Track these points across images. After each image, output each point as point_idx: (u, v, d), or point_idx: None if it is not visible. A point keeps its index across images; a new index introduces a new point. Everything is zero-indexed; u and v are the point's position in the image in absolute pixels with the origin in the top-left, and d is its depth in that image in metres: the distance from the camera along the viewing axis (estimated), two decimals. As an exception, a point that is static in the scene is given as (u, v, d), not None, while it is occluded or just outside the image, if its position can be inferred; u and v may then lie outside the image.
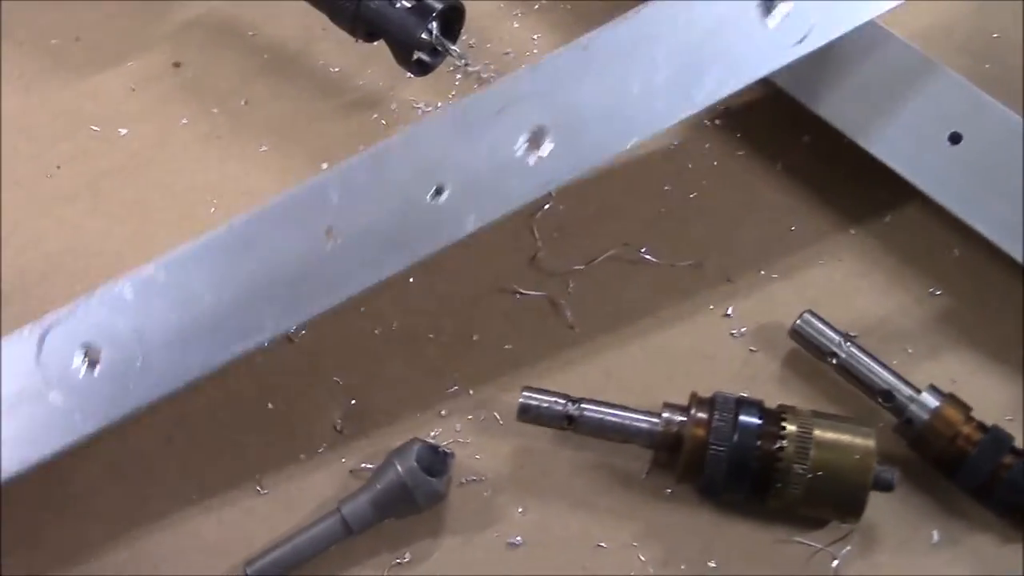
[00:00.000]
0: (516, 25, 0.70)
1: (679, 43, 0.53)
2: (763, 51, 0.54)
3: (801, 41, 0.54)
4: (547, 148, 0.51)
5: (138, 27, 0.70)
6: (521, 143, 0.51)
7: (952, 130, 0.59)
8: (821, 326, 0.57)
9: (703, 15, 0.53)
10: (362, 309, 0.60)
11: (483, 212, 0.51)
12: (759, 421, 0.54)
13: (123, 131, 0.66)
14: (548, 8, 0.70)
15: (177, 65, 0.69)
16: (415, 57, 0.62)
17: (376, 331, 0.60)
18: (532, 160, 0.51)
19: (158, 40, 0.70)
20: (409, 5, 0.62)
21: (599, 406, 0.55)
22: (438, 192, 0.50)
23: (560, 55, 0.52)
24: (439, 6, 0.62)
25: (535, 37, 0.69)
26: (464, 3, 0.61)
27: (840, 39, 0.55)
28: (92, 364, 0.50)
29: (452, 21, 0.63)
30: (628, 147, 0.52)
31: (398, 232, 0.51)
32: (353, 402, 0.58)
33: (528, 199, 0.51)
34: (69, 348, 0.50)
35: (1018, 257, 0.56)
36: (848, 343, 0.57)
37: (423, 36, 0.61)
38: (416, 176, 0.50)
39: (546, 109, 0.51)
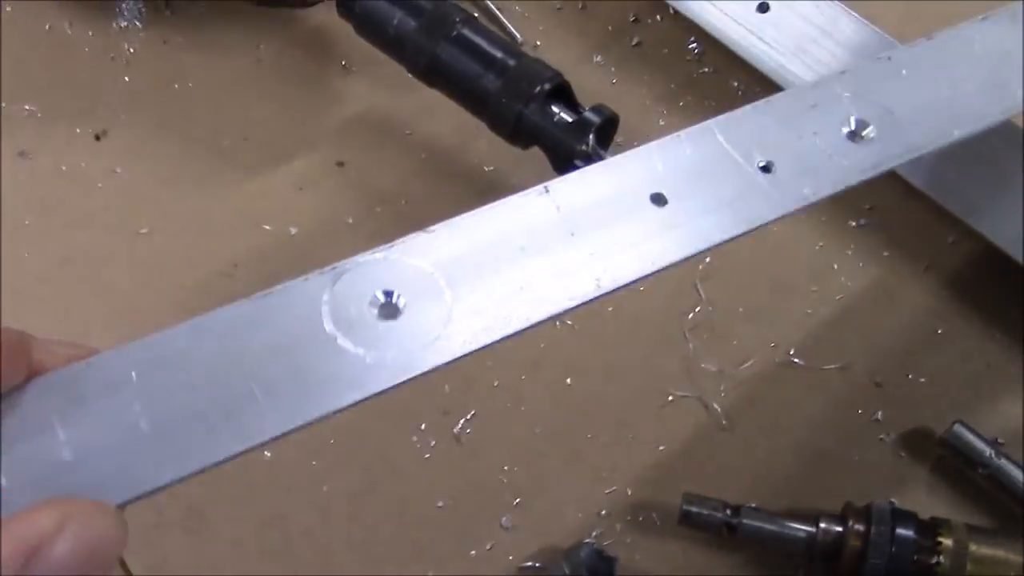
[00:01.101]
0: (662, 123, 0.72)
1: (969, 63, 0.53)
2: None
3: None
4: (870, 136, 0.49)
5: (303, 126, 0.74)
6: (844, 131, 0.49)
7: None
8: (971, 437, 0.59)
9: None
10: (522, 408, 0.64)
11: (817, 187, 0.47)
12: (915, 534, 0.56)
13: (293, 230, 0.70)
14: (693, 107, 0.72)
15: (341, 164, 0.73)
16: (572, 164, 0.65)
17: (537, 430, 0.64)
18: (857, 144, 0.49)
19: (322, 139, 0.74)
20: (569, 119, 0.65)
21: (757, 515, 0.58)
22: (766, 169, 0.47)
23: (866, 63, 0.52)
24: (597, 121, 0.65)
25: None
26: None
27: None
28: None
29: (607, 129, 0.66)
30: (948, 142, 0.50)
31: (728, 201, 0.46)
32: (517, 501, 0.62)
33: (860, 179, 0.48)
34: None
35: None
36: (997, 455, 0.58)
37: (581, 147, 0.64)
38: (742, 153, 0.47)
39: (862, 106, 0.50)
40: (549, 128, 0.64)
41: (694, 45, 0.75)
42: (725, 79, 0.72)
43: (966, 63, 0.52)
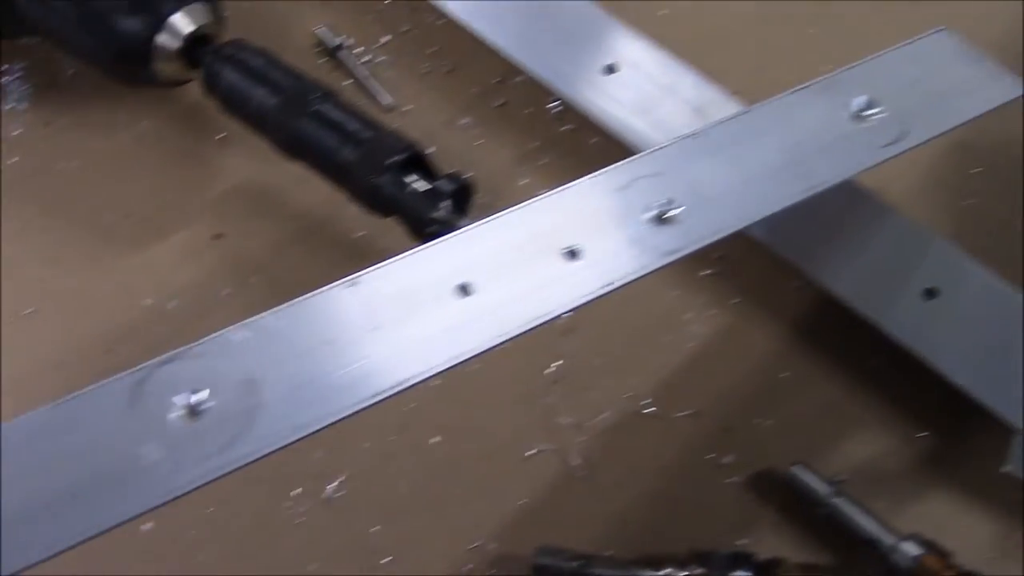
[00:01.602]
0: (525, 182, 0.75)
1: (783, 138, 0.55)
2: (857, 151, 0.55)
3: (895, 142, 0.56)
4: (676, 218, 0.51)
5: (183, 200, 0.77)
6: (649, 215, 0.51)
7: (927, 285, 0.63)
8: (809, 477, 0.62)
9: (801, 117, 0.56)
10: (391, 468, 0.67)
11: (623, 271, 0.49)
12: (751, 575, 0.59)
13: (172, 304, 0.73)
14: (554, 166, 0.75)
15: (219, 236, 0.75)
16: (427, 232, 0.67)
17: (404, 490, 0.66)
18: (662, 227, 0.50)
19: (201, 212, 0.76)
20: (423, 188, 0.67)
21: (607, 563, 0.61)
22: (573, 256, 0.49)
23: (677, 143, 0.53)
24: (450, 189, 0.67)
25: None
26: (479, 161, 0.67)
27: (827, 196, 0.58)
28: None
29: (463, 195, 0.69)
30: (748, 224, 0.52)
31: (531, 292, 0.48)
32: (387, 560, 0.64)
33: (662, 263, 0.50)
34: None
35: (990, 403, 0.61)
36: (835, 494, 0.61)
37: (435, 215, 0.67)
38: (549, 240, 0.49)
39: (669, 186, 0.52)
40: (404, 198, 0.67)
41: (555, 104, 0.77)
42: (584, 137, 0.75)
43: (777, 138, 0.55)
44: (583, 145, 0.75)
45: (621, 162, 0.51)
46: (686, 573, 0.60)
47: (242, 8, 0.83)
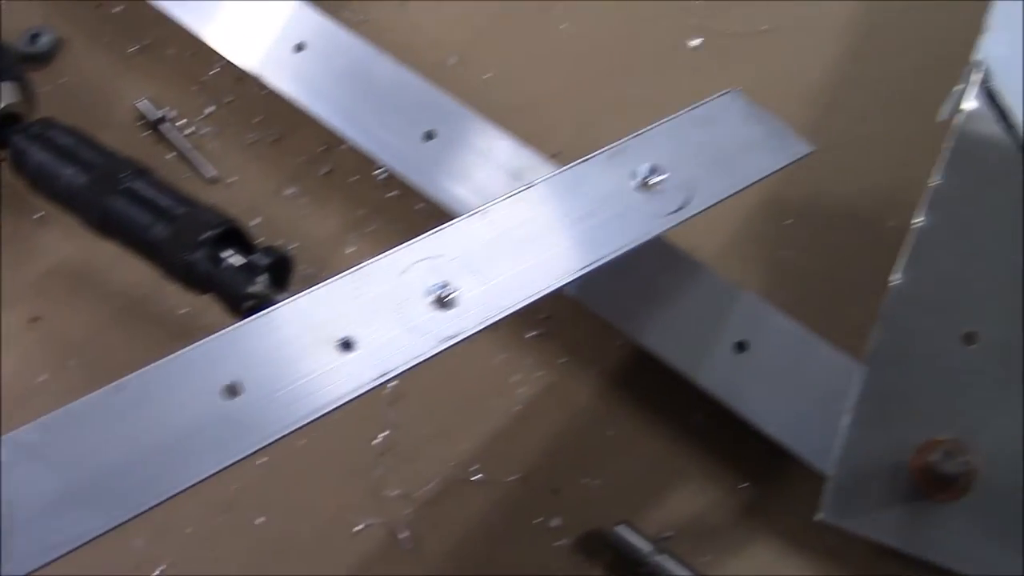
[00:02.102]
0: (351, 250, 0.75)
1: (567, 211, 0.56)
2: (642, 220, 0.56)
3: (679, 209, 0.58)
4: (456, 299, 0.51)
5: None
6: (430, 299, 0.51)
7: (738, 339, 0.65)
8: (633, 537, 0.63)
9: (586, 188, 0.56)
10: (216, 552, 0.65)
11: (398, 360, 0.48)
12: (576, 641, 0.59)
13: (-13, 393, 0.70)
14: (381, 232, 0.75)
15: (35, 320, 0.73)
16: (245, 308, 0.66)
17: (227, 572, 0.64)
18: (442, 311, 0.51)
19: (18, 295, 0.74)
20: (238, 263, 0.67)
21: (433, 638, 0.60)
22: (347, 347, 0.48)
23: (460, 221, 0.53)
24: (265, 263, 0.67)
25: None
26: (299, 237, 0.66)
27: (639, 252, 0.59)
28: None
29: (281, 269, 0.68)
30: (532, 300, 0.53)
31: (302, 388, 0.47)
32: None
33: (440, 348, 0.50)
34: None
35: (801, 452, 0.62)
36: (657, 551, 0.62)
37: (251, 290, 0.66)
38: (322, 332, 0.48)
39: (450, 268, 0.52)
40: (219, 274, 0.66)
41: (381, 171, 0.77)
42: (410, 202, 0.75)
43: (562, 211, 0.55)
44: (410, 211, 0.75)
45: (401, 246, 0.51)
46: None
47: (63, 84, 0.81)
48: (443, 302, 0.49)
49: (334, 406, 0.45)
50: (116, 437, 0.43)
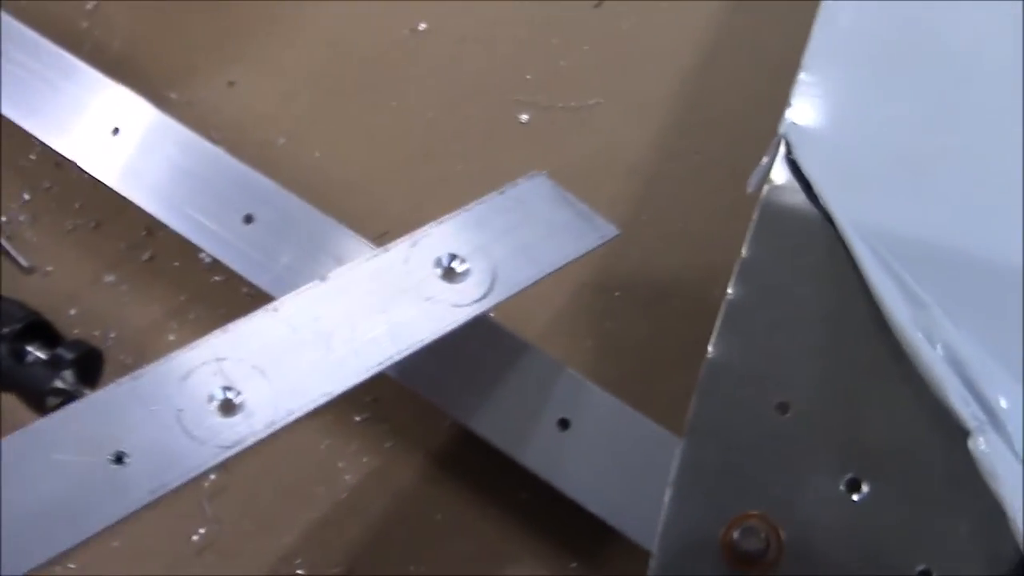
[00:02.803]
0: (172, 338, 0.72)
1: (367, 303, 0.55)
2: (445, 310, 0.56)
3: (483, 298, 0.57)
4: (238, 403, 0.49)
5: None
6: (214, 404, 0.49)
7: (560, 416, 0.64)
8: (458, 627, 0.61)
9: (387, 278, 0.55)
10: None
11: (178, 474, 0.46)
12: None
13: None
14: (204, 318, 0.73)
15: None
16: (50, 406, 0.63)
17: None
18: (225, 418, 0.48)
19: None
20: (43, 358, 0.64)
21: None
22: (119, 461, 0.46)
23: (250, 319, 0.52)
24: (71, 356, 0.64)
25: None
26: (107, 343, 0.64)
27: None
28: None
29: (89, 363, 0.66)
30: (325, 401, 0.51)
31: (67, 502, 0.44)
32: None
33: (214, 462, 0.47)
34: None
35: (625, 528, 0.62)
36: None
37: (55, 386, 0.63)
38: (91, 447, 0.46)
39: (234, 370, 0.50)
40: (21, 370, 0.63)
41: (205, 255, 0.75)
42: (236, 286, 0.73)
43: (362, 304, 0.54)
44: (235, 294, 0.73)
45: (185, 347, 0.49)
46: None
47: None
48: (228, 407, 0.47)
49: (109, 523, 0.42)
50: None
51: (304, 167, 0.76)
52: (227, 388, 0.48)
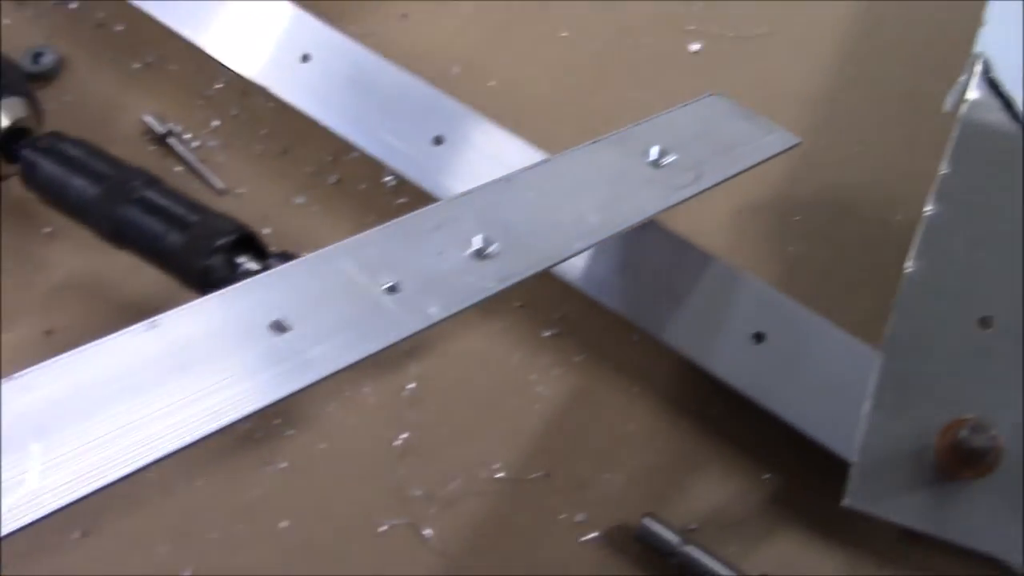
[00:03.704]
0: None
1: (586, 183, 0.57)
2: (656, 193, 0.57)
3: (694, 183, 0.59)
4: (494, 253, 0.51)
5: (10, 299, 0.74)
6: (468, 251, 0.51)
7: (755, 330, 0.65)
8: (659, 529, 0.63)
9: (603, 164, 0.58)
10: (239, 558, 0.64)
11: (444, 305, 0.48)
12: (608, 633, 0.59)
13: (0, 407, 0.69)
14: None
15: (49, 333, 0.72)
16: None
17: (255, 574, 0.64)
18: (482, 261, 0.51)
19: (29, 309, 0.73)
20: (254, 268, 0.67)
21: (464, 635, 0.60)
22: (392, 290, 0.47)
23: (489, 185, 0.54)
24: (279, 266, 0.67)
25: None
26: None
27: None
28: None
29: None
30: (571, 255, 0.53)
31: (353, 324, 0.46)
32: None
33: (486, 294, 0.49)
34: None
35: (824, 439, 0.63)
36: (685, 543, 0.62)
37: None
38: (367, 275, 0.48)
39: (484, 224, 0.52)
40: (235, 279, 0.66)
41: (389, 178, 0.78)
42: (420, 208, 0.75)
43: (583, 182, 0.56)
44: (420, 216, 0.75)
45: (434, 204, 0.51)
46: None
47: (67, 101, 0.81)
48: (483, 255, 0.49)
49: (386, 344, 0.44)
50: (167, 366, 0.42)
51: (479, 96, 0.78)
52: (480, 239, 0.50)
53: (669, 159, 0.58)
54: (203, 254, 0.65)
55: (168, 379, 0.42)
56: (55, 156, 0.70)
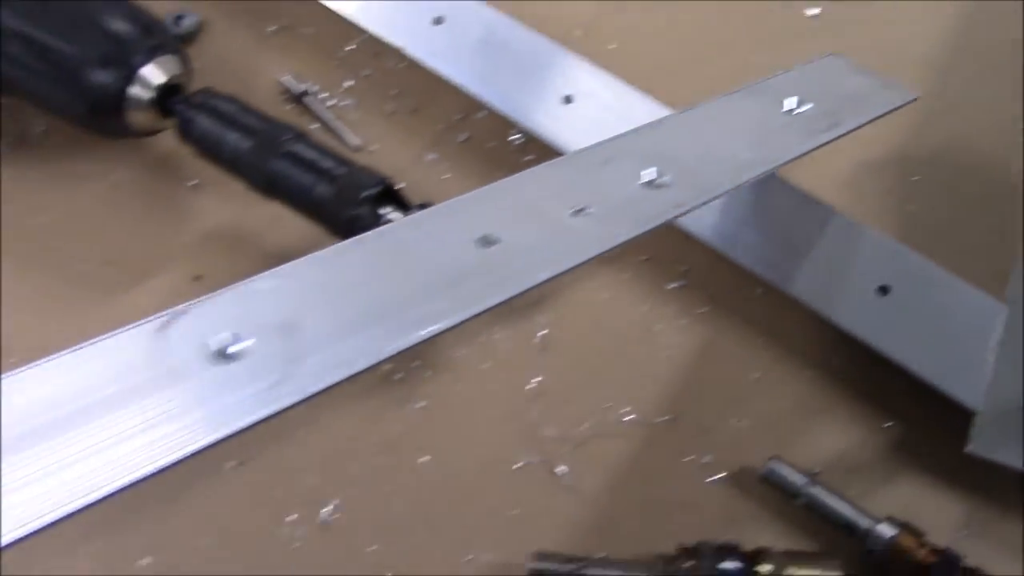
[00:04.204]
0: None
1: (734, 128, 0.59)
2: (799, 137, 0.60)
3: (829, 129, 0.61)
4: (665, 183, 0.53)
5: (160, 245, 0.78)
6: (640, 181, 0.53)
7: (880, 283, 0.68)
8: (786, 470, 0.65)
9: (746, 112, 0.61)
10: (384, 488, 0.68)
11: (628, 227, 0.50)
12: (739, 565, 0.62)
13: (156, 346, 0.74)
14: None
15: (199, 278, 0.77)
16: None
17: (398, 508, 0.68)
18: (655, 190, 0.52)
19: (179, 255, 0.78)
20: (390, 212, 0.71)
21: (600, 564, 0.63)
22: (579, 213, 0.49)
23: (649, 126, 0.57)
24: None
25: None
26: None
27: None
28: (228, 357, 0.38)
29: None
30: (734, 186, 0.55)
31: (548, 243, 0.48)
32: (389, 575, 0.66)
33: (664, 219, 0.52)
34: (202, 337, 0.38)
35: (949, 389, 0.65)
36: (812, 484, 0.65)
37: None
38: (555, 201, 0.50)
39: (650, 159, 0.54)
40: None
41: (516, 136, 0.81)
42: (547, 164, 0.78)
43: (730, 127, 0.59)
44: (546, 173, 0.78)
45: (599, 142, 0.54)
46: (673, 569, 0.62)
47: (207, 62, 0.85)
48: (654, 185, 0.52)
49: (578, 262, 0.46)
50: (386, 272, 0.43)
51: (599, 58, 0.80)
52: (651, 171, 0.52)
53: (804, 108, 0.60)
54: (351, 204, 0.69)
55: (380, 276, 0.43)
56: (209, 111, 0.74)
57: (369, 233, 0.45)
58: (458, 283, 0.44)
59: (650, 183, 0.52)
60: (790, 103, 0.61)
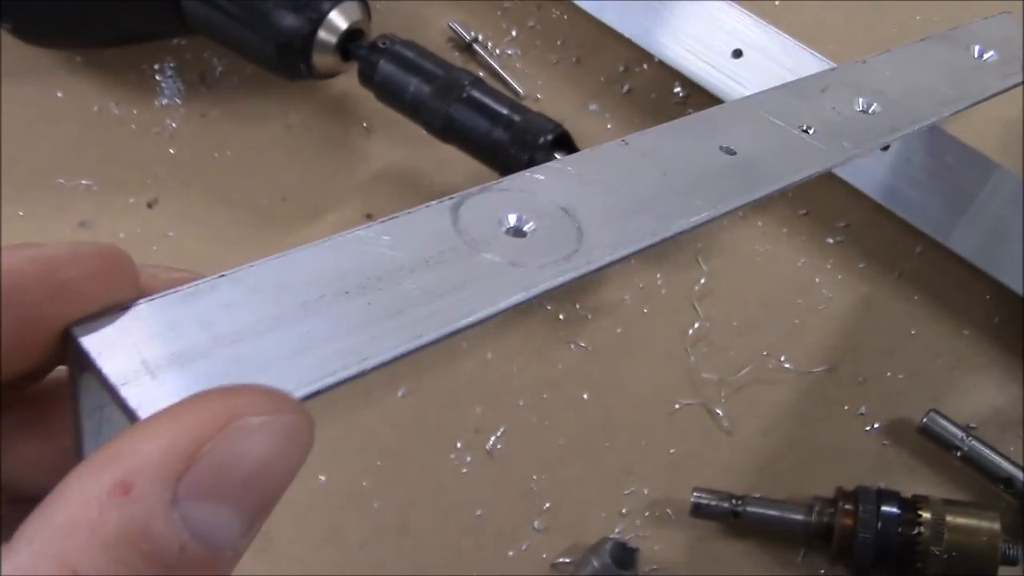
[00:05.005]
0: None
1: (931, 69, 0.60)
2: (993, 78, 0.61)
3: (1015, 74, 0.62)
4: (877, 111, 0.54)
5: (333, 184, 0.83)
6: (856, 108, 0.54)
7: (1046, 242, 0.68)
8: (945, 423, 0.67)
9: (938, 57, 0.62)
10: (546, 423, 0.72)
11: (854, 144, 0.51)
12: (898, 511, 0.64)
13: (331, 278, 0.79)
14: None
15: (370, 216, 0.81)
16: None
17: (560, 442, 0.72)
18: (871, 116, 0.54)
19: (351, 194, 0.82)
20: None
21: (760, 503, 0.66)
22: (807, 131, 0.51)
23: (848, 65, 0.59)
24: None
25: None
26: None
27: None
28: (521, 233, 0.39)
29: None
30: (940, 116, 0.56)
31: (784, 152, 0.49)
32: (547, 506, 0.70)
33: (885, 139, 0.54)
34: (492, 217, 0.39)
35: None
36: (969, 437, 0.66)
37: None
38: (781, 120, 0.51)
39: (859, 90, 0.55)
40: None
41: (679, 90, 0.83)
42: (708, 118, 0.80)
43: (927, 66, 0.60)
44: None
45: (813, 74, 0.56)
46: (832, 510, 0.65)
47: (379, 8, 0.89)
48: (868, 112, 0.54)
49: (816, 171, 0.47)
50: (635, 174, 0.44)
51: (763, 14, 0.82)
52: (864, 100, 0.54)
53: (989, 55, 0.61)
54: (528, 148, 0.72)
55: (639, 175, 0.43)
56: (391, 56, 0.77)
57: (626, 137, 0.47)
58: (710, 184, 0.45)
59: (864, 111, 0.54)
60: (975, 51, 0.62)
